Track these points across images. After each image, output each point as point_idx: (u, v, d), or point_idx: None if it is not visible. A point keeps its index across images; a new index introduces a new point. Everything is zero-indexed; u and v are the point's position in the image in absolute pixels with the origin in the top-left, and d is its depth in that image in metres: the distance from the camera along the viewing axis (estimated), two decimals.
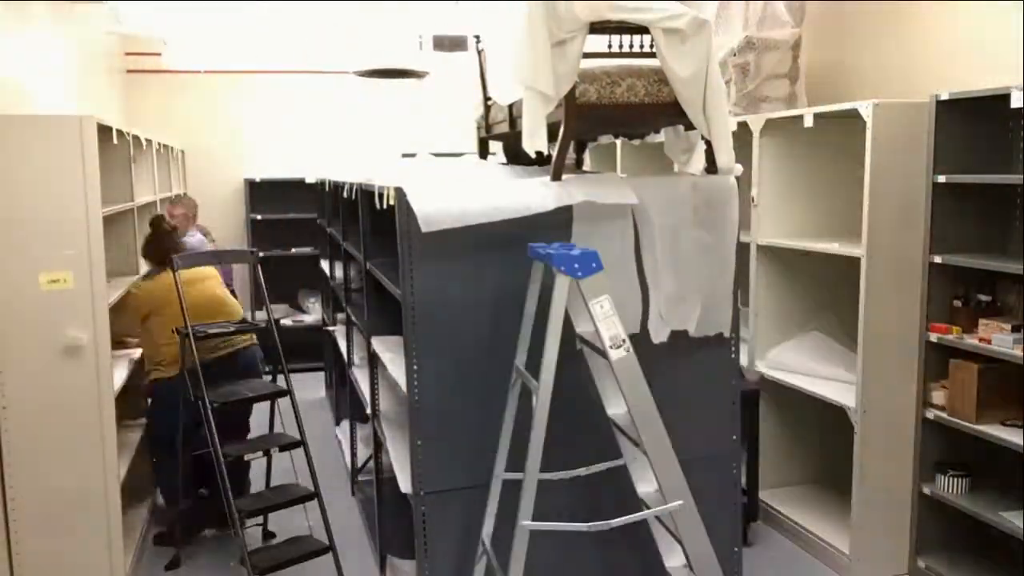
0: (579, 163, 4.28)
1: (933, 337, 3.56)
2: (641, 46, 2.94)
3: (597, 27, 2.73)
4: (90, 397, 3.70)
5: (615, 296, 2.69)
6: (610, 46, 2.99)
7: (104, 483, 3.76)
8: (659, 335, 2.81)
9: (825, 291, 4.55)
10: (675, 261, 2.81)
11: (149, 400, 4.56)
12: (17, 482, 3.64)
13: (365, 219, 3.93)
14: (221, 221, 8.08)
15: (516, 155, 3.82)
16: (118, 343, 4.37)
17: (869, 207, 3.72)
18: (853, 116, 3.82)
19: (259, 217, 8.00)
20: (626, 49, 2.98)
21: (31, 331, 3.59)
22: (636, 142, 5.35)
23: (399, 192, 2.64)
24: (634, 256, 2.81)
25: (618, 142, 6.02)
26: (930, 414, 3.61)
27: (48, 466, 3.67)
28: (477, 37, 3.47)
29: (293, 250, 8.10)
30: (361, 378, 4.52)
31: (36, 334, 3.60)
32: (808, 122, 4.08)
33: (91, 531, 3.76)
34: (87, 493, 3.74)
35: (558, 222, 2.73)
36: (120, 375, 4.10)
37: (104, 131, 4.01)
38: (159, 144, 6.34)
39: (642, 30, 2.82)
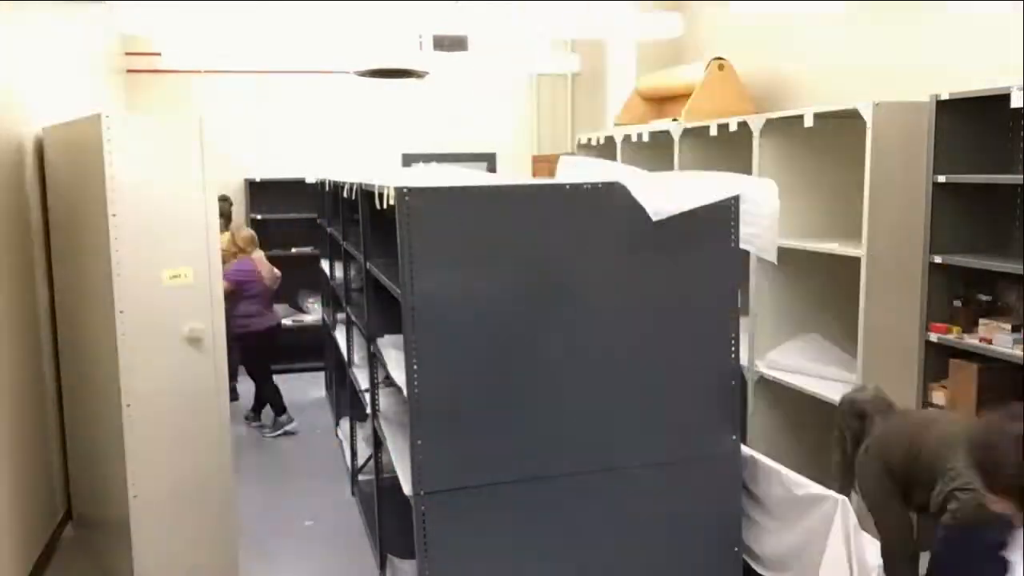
0: None
1: (933, 337, 3.56)
2: None
3: None
4: (209, 386, 3.81)
5: None
6: None
7: (220, 471, 3.86)
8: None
9: (825, 291, 4.55)
10: None
11: None
12: (140, 471, 3.71)
13: (365, 219, 3.93)
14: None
15: None
16: None
17: (869, 207, 3.72)
18: (853, 116, 3.81)
19: (259, 217, 8.00)
20: None
21: (157, 326, 3.69)
22: (635, 141, 5.36)
23: (399, 192, 2.64)
24: None
25: (618, 141, 6.03)
26: None
27: (171, 455, 3.75)
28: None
29: (293, 250, 8.10)
30: (361, 378, 4.52)
31: (161, 328, 3.70)
32: (808, 122, 4.07)
33: (209, 520, 3.85)
34: (206, 482, 3.84)
35: (557, 222, 2.74)
36: None
37: None
38: None
39: None
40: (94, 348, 3.96)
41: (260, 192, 8.02)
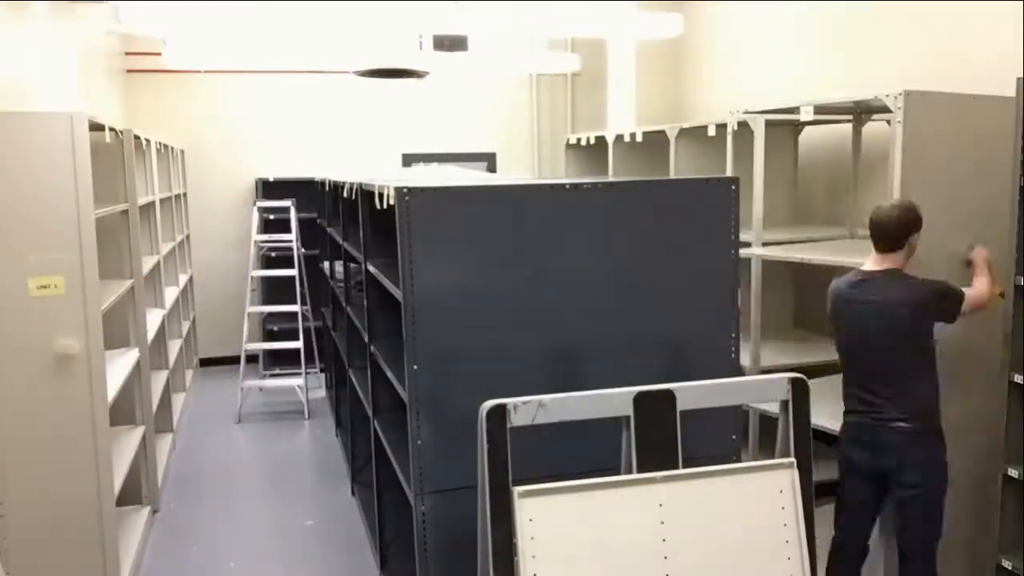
0: None
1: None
2: None
3: None
4: (82, 409, 3.51)
5: None
6: None
7: (99, 500, 3.58)
8: None
9: (825, 290, 4.54)
10: None
11: None
12: (6, 499, 3.44)
13: (365, 219, 3.93)
14: (232, 220, 8.08)
15: None
16: None
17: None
18: (857, 112, 3.80)
19: (271, 217, 7.97)
20: None
21: (19, 340, 3.40)
22: (627, 141, 5.34)
23: (399, 192, 2.64)
24: None
25: (610, 141, 6.01)
26: None
27: (39, 483, 3.47)
28: None
29: (303, 250, 8.08)
30: (361, 378, 4.52)
31: (24, 343, 3.41)
32: (806, 116, 4.03)
33: (86, 550, 3.58)
34: (81, 511, 3.56)
35: (556, 224, 2.73)
36: (115, 384, 3.92)
37: (97, 129, 3.91)
38: (159, 144, 6.33)
39: None
40: None
41: (272, 192, 7.96)
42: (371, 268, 3.77)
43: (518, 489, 2.12)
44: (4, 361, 3.40)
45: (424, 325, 2.65)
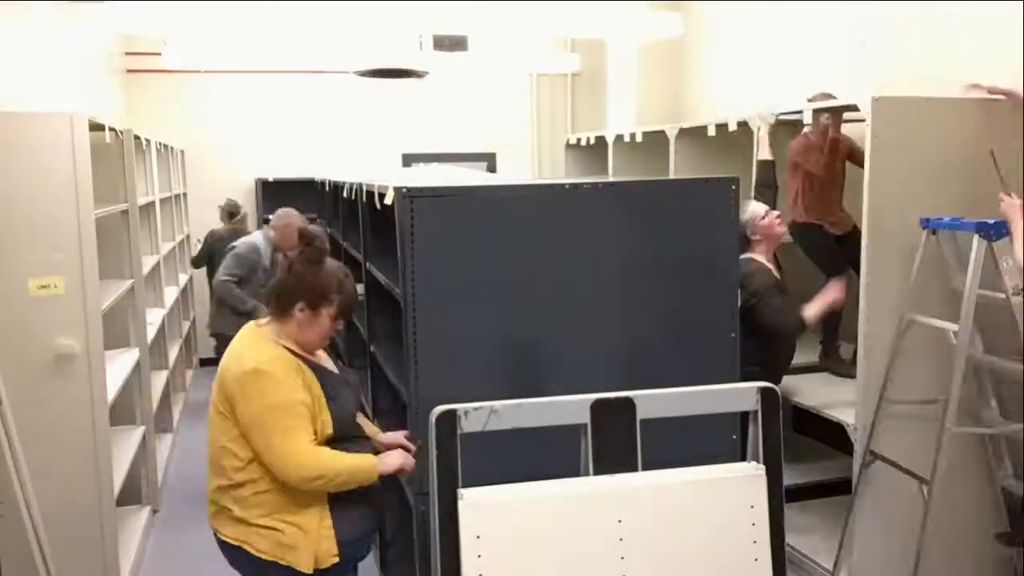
0: None
1: None
2: None
3: None
4: (82, 409, 3.50)
5: None
6: None
7: (99, 500, 3.58)
8: None
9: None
10: None
11: None
12: (6, 499, 3.30)
13: (365, 219, 3.93)
14: None
15: None
16: None
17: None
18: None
19: (270, 217, 7.95)
20: None
21: (19, 340, 3.39)
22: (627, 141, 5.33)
23: (399, 192, 2.64)
24: None
25: (610, 142, 6.01)
26: None
27: (38, 483, 3.37)
28: None
29: None
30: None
31: (25, 343, 3.40)
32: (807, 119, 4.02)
33: (86, 550, 3.57)
34: (81, 511, 3.55)
35: (556, 224, 2.73)
36: (115, 384, 3.91)
37: (97, 129, 3.91)
38: (159, 144, 6.33)
39: None
40: None
41: (272, 192, 7.95)
42: (371, 268, 3.77)
43: (463, 494, 2.02)
44: (4, 361, 3.37)
45: (424, 325, 2.65)
